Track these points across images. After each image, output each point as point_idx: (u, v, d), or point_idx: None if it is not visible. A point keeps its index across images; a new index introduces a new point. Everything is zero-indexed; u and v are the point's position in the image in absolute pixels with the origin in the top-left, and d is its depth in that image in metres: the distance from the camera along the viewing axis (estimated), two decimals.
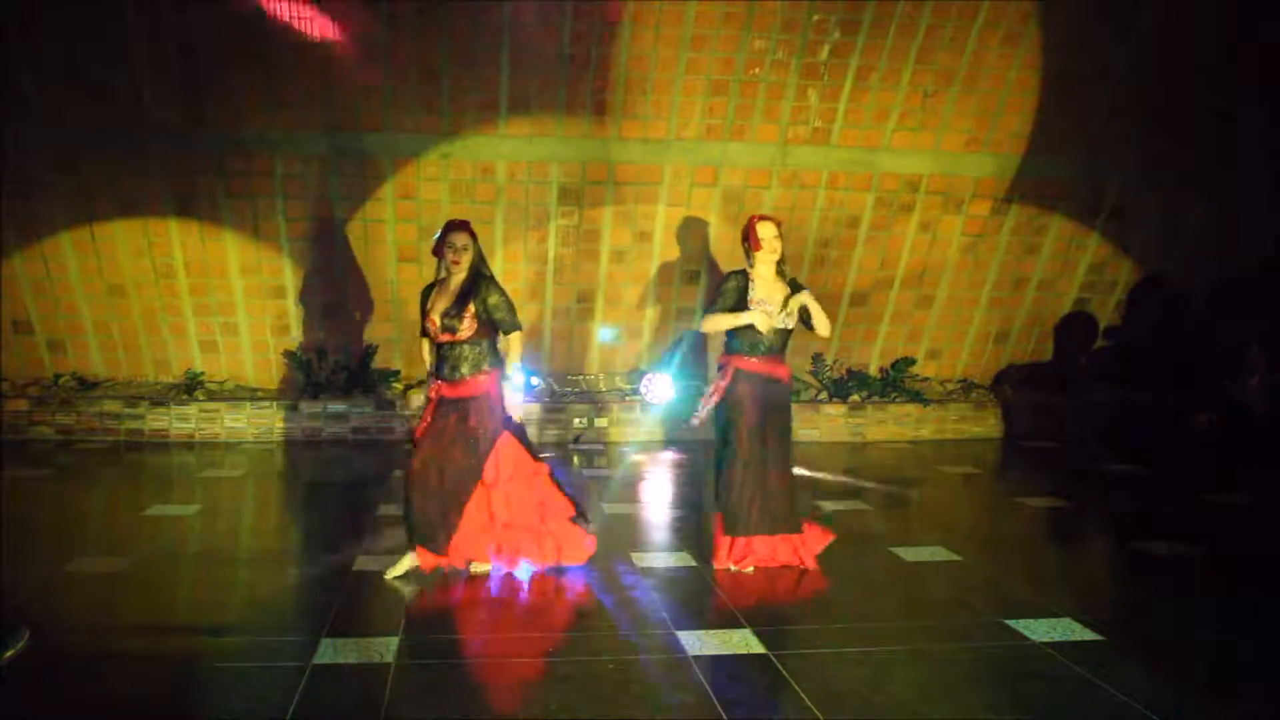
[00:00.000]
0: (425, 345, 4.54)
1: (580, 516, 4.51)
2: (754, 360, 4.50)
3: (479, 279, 4.30)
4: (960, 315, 8.73)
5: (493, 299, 4.28)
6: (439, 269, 4.39)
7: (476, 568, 4.39)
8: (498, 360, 4.37)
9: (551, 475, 4.48)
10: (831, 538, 4.63)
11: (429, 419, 4.31)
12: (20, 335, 7.88)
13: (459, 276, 4.31)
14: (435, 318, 4.27)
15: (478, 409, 4.27)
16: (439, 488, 4.23)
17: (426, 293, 4.45)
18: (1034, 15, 7.23)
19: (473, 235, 4.34)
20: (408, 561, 4.33)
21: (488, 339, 4.33)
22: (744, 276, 4.54)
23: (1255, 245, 8.69)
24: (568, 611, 4.05)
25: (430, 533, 4.23)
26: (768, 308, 4.47)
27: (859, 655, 3.50)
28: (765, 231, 4.52)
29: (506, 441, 4.33)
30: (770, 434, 4.50)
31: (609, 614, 3.99)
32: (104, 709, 3.03)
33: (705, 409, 4.60)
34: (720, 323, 4.50)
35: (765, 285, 4.53)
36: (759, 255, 4.53)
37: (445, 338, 4.26)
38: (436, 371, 4.36)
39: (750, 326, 4.46)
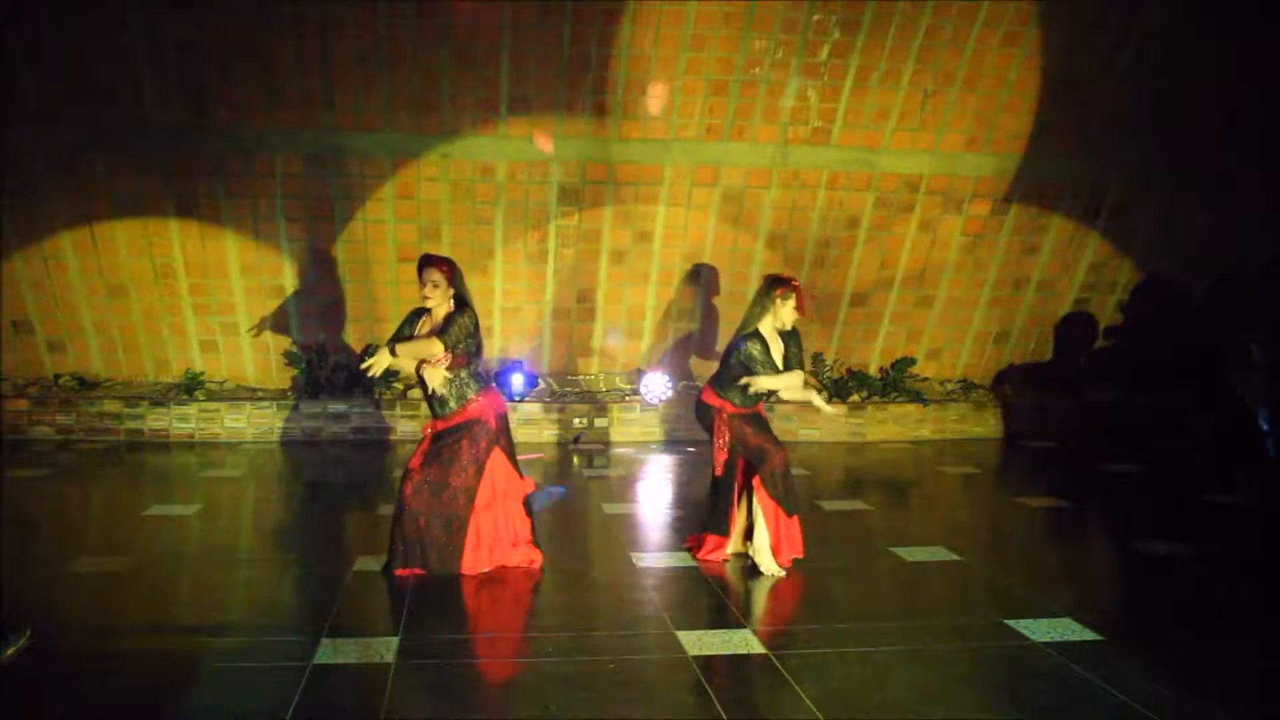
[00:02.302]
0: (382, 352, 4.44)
1: (536, 540, 4.56)
2: (743, 409, 4.56)
3: (459, 309, 4.34)
4: (960, 315, 8.73)
5: (459, 318, 4.30)
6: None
7: None
8: (481, 382, 4.42)
9: (526, 498, 4.53)
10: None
11: (419, 456, 4.38)
12: (20, 335, 7.88)
13: (441, 309, 4.38)
14: None
15: (470, 435, 4.33)
16: (438, 509, 4.29)
17: (413, 316, 4.50)
18: (1034, 15, 7.23)
19: (450, 273, 4.36)
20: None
21: (465, 369, 4.38)
22: (761, 340, 4.49)
23: (1255, 245, 8.69)
24: (568, 611, 4.04)
25: (431, 555, 4.31)
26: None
27: (859, 655, 3.50)
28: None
29: (497, 460, 4.39)
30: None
31: (609, 614, 3.99)
32: (104, 709, 3.03)
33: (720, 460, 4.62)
34: (797, 391, 4.49)
35: (773, 341, 4.57)
36: (785, 316, 4.52)
37: (423, 367, 4.33)
38: (429, 407, 4.43)
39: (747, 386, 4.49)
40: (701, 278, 8.13)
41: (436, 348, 4.27)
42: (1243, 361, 7.77)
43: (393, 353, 4.30)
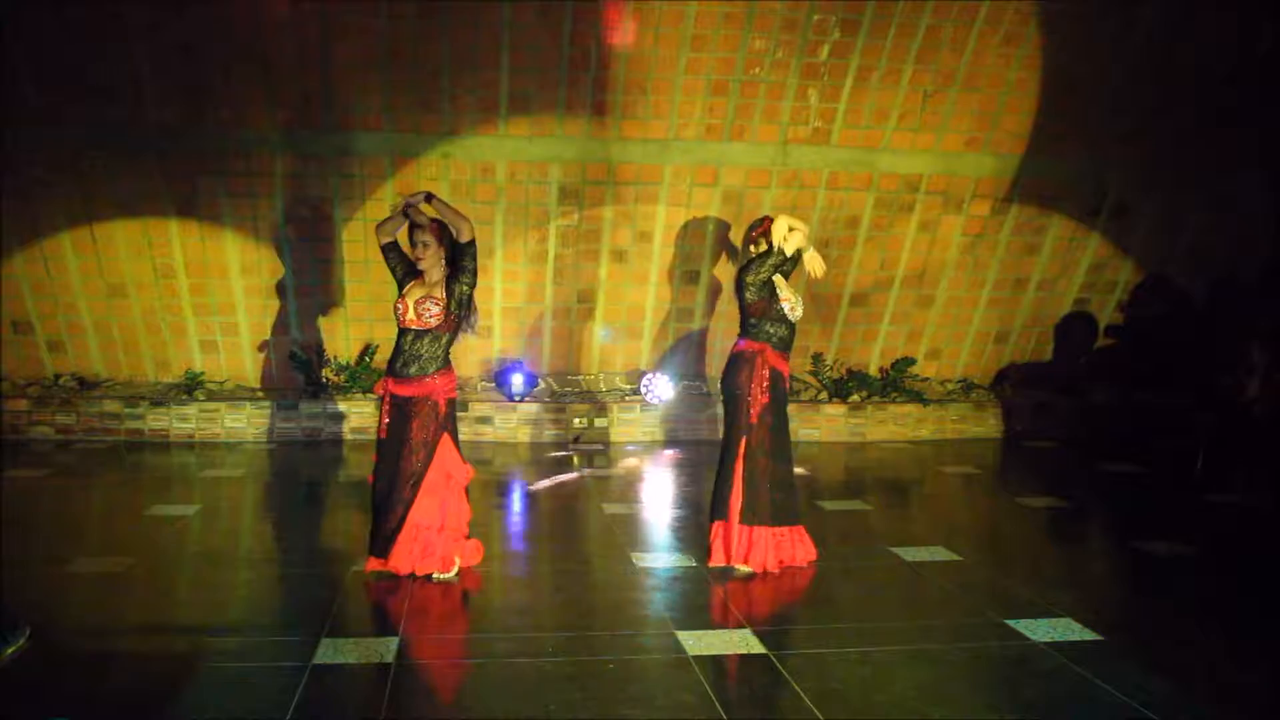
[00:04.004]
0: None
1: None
2: (779, 355, 4.52)
3: (459, 271, 4.34)
4: (960, 315, 8.73)
5: (467, 275, 4.33)
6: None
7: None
8: (446, 362, 4.39)
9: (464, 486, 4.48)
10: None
11: (385, 420, 4.36)
12: (20, 335, 7.88)
13: (435, 272, 4.38)
14: (409, 303, 4.32)
15: (420, 415, 4.29)
16: (393, 494, 4.27)
17: (406, 277, 4.46)
18: (1034, 15, 7.23)
19: (440, 234, 4.37)
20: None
21: (448, 335, 4.35)
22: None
23: (1255, 245, 8.69)
24: (568, 611, 4.05)
25: (382, 540, 4.31)
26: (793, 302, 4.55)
27: (859, 655, 3.50)
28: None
29: (445, 446, 4.33)
30: (782, 426, 4.56)
31: (609, 614, 3.99)
32: (104, 709, 3.03)
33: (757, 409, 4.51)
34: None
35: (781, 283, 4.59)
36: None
37: (414, 323, 4.30)
38: (389, 366, 4.39)
39: (782, 320, 4.48)
40: (701, 278, 8.12)
41: (468, 229, 4.27)
42: (1242, 361, 7.77)
43: (428, 199, 4.31)
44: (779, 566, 4.49)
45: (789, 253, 4.48)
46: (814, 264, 4.64)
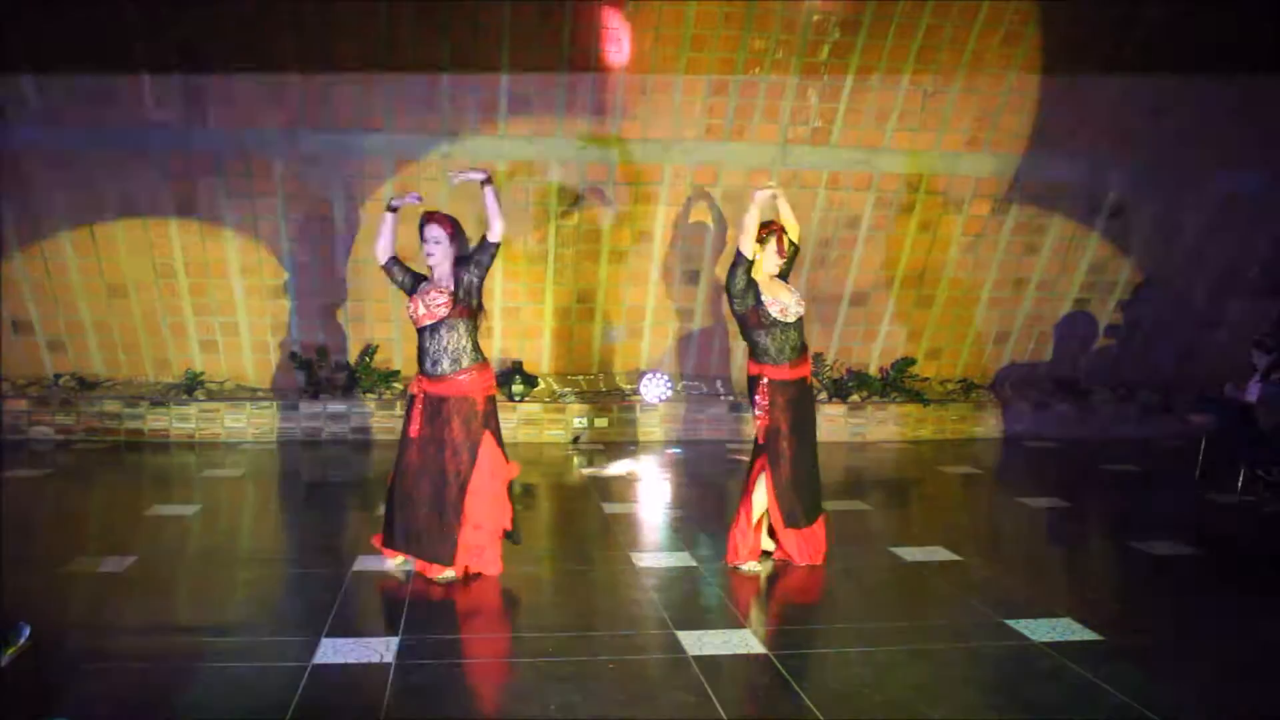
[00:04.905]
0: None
1: (512, 533, 4.42)
2: (784, 368, 4.47)
3: (471, 262, 4.30)
4: (960, 315, 8.73)
5: (471, 271, 4.29)
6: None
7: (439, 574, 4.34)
8: (478, 354, 4.33)
9: (510, 483, 4.44)
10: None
11: (418, 420, 4.28)
12: (20, 335, 7.88)
13: (444, 267, 4.33)
14: (418, 300, 4.28)
15: (460, 414, 4.24)
16: (434, 496, 4.23)
17: (415, 281, 4.42)
18: (1034, 15, 7.23)
19: (453, 231, 4.33)
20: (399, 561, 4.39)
21: (465, 321, 4.27)
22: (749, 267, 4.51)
23: (1255, 245, 8.69)
24: (568, 611, 4.04)
25: (425, 542, 4.25)
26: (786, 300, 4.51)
27: (859, 655, 3.50)
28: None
29: (488, 444, 4.30)
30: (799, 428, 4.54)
31: (609, 614, 3.99)
32: (104, 709, 3.03)
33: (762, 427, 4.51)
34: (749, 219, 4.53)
35: (769, 287, 4.55)
36: (769, 263, 4.57)
37: (427, 318, 4.24)
38: (420, 366, 4.34)
39: (774, 324, 4.43)
40: (701, 278, 8.12)
41: (500, 227, 4.29)
42: (1241, 362, 7.77)
43: (485, 182, 4.30)
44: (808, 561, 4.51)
45: (749, 254, 4.45)
46: (780, 206, 4.72)
